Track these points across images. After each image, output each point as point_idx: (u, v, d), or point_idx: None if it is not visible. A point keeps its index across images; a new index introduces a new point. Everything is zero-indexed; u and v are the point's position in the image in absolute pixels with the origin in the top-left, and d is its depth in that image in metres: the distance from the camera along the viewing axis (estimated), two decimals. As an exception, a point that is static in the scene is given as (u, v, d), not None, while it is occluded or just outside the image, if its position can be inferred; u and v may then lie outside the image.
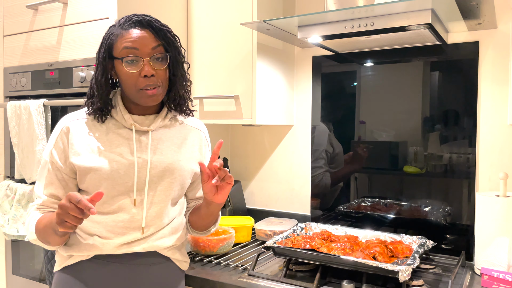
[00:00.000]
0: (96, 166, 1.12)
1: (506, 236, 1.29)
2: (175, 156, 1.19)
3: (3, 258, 1.92)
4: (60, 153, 1.15)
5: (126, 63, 1.10)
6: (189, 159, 1.23)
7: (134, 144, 1.15)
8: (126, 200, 1.14)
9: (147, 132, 1.18)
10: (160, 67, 1.13)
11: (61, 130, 1.16)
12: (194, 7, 1.77)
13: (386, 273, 1.18)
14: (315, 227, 1.63)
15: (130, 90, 1.13)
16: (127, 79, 1.12)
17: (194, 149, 1.25)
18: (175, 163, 1.18)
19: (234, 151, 2.09)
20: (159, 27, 1.13)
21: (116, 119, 1.18)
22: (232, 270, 1.39)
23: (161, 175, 1.16)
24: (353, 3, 1.38)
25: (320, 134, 1.82)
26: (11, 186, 1.76)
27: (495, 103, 1.51)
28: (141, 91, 1.12)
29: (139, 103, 1.15)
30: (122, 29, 1.12)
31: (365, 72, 1.72)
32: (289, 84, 1.86)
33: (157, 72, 1.12)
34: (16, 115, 1.71)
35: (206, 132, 1.32)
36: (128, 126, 1.17)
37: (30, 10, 1.74)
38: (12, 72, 1.82)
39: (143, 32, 1.11)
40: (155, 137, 1.19)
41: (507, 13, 1.48)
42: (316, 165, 1.84)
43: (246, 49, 1.65)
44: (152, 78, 1.11)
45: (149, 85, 1.11)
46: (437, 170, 1.59)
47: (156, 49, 1.12)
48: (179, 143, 1.22)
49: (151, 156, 1.16)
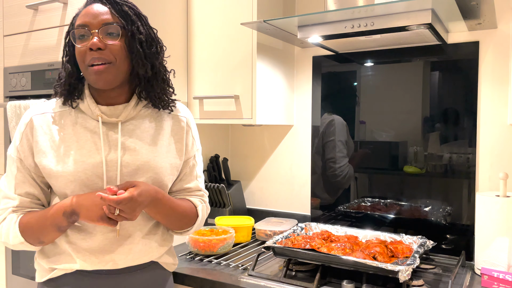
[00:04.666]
0: (60, 168, 1.03)
1: (506, 236, 1.29)
2: (149, 152, 1.08)
3: (3, 258, 1.91)
4: (27, 150, 1.06)
5: (78, 39, 1.03)
6: (167, 153, 1.12)
7: (102, 139, 1.04)
8: None
9: (116, 124, 1.08)
10: (111, 41, 1.01)
11: (26, 125, 1.07)
12: (194, 7, 1.77)
13: (386, 273, 1.18)
14: (315, 227, 1.63)
15: (82, 68, 1.04)
16: (77, 56, 1.03)
17: (171, 140, 1.14)
18: (150, 160, 1.08)
19: (234, 151, 2.09)
20: (115, 1, 1.04)
21: (82, 109, 1.08)
22: (232, 270, 1.39)
23: (134, 173, 1.06)
24: (353, 3, 1.38)
25: (340, 125, 1.77)
26: (11, 186, 1.76)
27: (495, 103, 1.51)
28: (89, 68, 1.01)
29: (90, 83, 1.04)
30: (83, 7, 1.06)
31: (365, 72, 1.72)
32: (289, 84, 1.86)
33: (106, 46, 1.01)
34: (16, 115, 1.71)
35: (189, 116, 1.20)
36: (95, 117, 1.07)
37: (30, 10, 1.74)
38: (12, 72, 1.82)
39: (97, 7, 1.03)
40: (126, 129, 1.08)
41: (507, 13, 1.48)
42: (341, 155, 1.77)
43: (246, 49, 1.65)
44: (100, 52, 1.00)
45: (94, 58, 1.00)
46: (437, 170, 1.59)
47: (108, 23, 1.01)
48: (155, 135, 1.11)
49: (122, 153, 1.05)
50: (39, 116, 1.08)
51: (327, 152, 1.81)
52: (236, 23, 1.66)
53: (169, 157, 1.13)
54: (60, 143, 1.05)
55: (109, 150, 1.05)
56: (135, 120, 1.11)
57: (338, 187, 1.79)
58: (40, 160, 1.05)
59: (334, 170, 1.79)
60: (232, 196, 1.92)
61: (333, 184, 1.80)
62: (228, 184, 1.95)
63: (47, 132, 1.06)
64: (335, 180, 1.79)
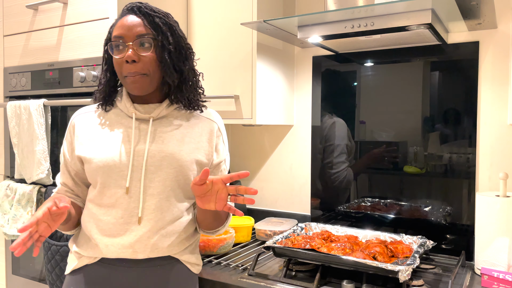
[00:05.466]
0: (93, 155, 1.13)
1: (506, 236, 1.29)
2: (176, 145, 1.15)
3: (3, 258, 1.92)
4: (68, 146, 1.20)
5: (114, 50, 1.12)
6: (193, 150, 1.17)
7: (133, 132, 1.13)
8: (122, 190, 1.11)
9: (148, 120, 1.17)
10: (144, 52, 1.10)
11: (70, 124, 1.21)
12: (194, 7, 1.77)
13: (386, 273, 1.18)
14: (315, 227, 1.63)
15: (119, 77, 1.14)
16: (116, 66, 1.13)
17: (201, 139, 1.20)
18: (175, 153, 1.14)
19: (234, 151, 2.09)
20: (148, 13, 1.11)
21: (120, 108, 1.19)
22: (232, 270, 1.39)
23: (158, 164, 1.12)
24: (353, 3, 1.38)
25: (340, 128, 1.77)
26: (11, 186, 1.76)
27: (495, 103, 1.51)
28: (125, 78, 1.11)
29: (128, 91, 1.15)
30: (119, 17, 1.14)
31: (365, 72, 1.72)
32: (289, 84, 1.86)
33: (140, 58, 1.09)
34: (16, 115, 1.71)
35: (221, 123, 1.27)
36: (129, 114, 1.17)
37: (30, 10, 1.74)
38: (12, 72, 1.82)
39: (132, 19, 1.11)
40: (157, 125, 1.17)
41: (507, 13, 1.48)
42: (339, 160, 1.78)
43: (246, 49, 1.65)
44: (134, 65, 1.09)
45: (130, 72, 1.09)
46: (437, 170, 1.59)
47: (142, 35, 1.09)
48: (184, 132, 1.18)
49: (149, 145, 1.13)
50: (80, 116, 1.21)
51: (325, 156, 1.82)
52: (236, 23, 1.66)
53: (196, 154, 1.18)
54: (97, 136, 1.16)
55: (138, 141, 1.14)
56: (166, 118, 1.19)
57: (335, 191, 1.80)
58: (79, 150, 1.16)
59: (331, 175, 1.80)
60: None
61: (330, 188, 1.81)
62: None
63: (87, 128, 1.18)
64: (332, 184, 1.80)
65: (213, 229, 1.22)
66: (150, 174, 1.12)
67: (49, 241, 1.55)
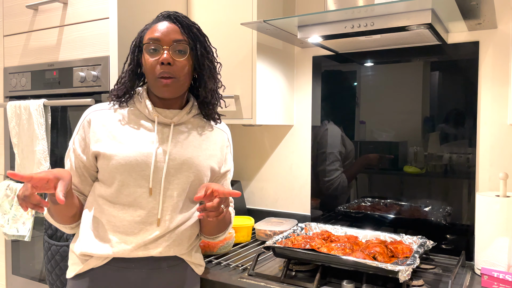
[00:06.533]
0: (115, 152, 1.13)
1: (506, 236, 1.29)
2: (195, 151, 1.20)
3: (3, 258, 1.92)
4: (81, 141, 1.19)
5: (149, 52, 1.15)
6: (209, 156, 1.23)
7: (155, 134, 1.16)
8: (142, 190, 1.13)
9: (169, 125, 1.20)
10: (179, 58, 1.14)
11: (83, 120, 1.20)
12: (194, 7, 1.77)
13: (386, 273, 1.18)
14: (315, 227, 1.63)
15: (150, 78, 1.16)
16: (148, 67, 1.15)
17: (215, 147, 1.26)
18: (194, 158, 1.18)
19: (234, 151, 2.09)
20: (185, 22, 1.17)
21: (140, 110, 1.20)
22: (232, 270, 1.39)
23: (178, 167, 1.16)
24: (353, 3, 1.38)
25: (333, 136, 1.79)
26: (11, 186, 1.77)
27: (495, 103, 1.51)
28: (158, 79, 1.14)
29: (156, 93, 1.17)
30: (153, 23, 1.18)
31: (365, 72, 1.72)
32: (289, 84, 1.86)
33: (175, 62, 1.14)
34: (16, 115, 1.71)
35: (229, 134, 1.34)
36: (151, 117, 1.19)
37: (30, 10, 1.74)
38: (12, 72, 1.82)
39: (168, 24, 1.15)
40: (177, 130, 1.20)
41: (507, 13, 1.48)
42: (332, 168, 1.80)
43: (246, 49, 1.65)
44: (169, 67, 1.13)
45: (165, 72, 1.13)
46: (437, 170, 1.59)
47: (178, 40, 1.14)
48: (201, 139, 1.23)
49: (171, 148, 1.16)
50: (97, 112, 1.20)
51: (319, 164, 1.84)
52: (236, 23, 1.66)
53: (210, 161, 1.23)
54: (116, 133, 1.16)
55: (161, 144, 1.17)
56: (186, 125, 1.23)
57: (329, 196, 1.82)
58: (96, 146, 1.15)
59: (324, 183, 1.82)
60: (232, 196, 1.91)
61: (324, 194, 1.83)
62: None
63: (105, 125, 1.17)
64: (326, 192, 1.82)
65: (214, 235, 1.26)
66: (169, 177, 1.16)
67: (49, 241, 1.54)
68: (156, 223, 1.13)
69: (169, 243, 1.15)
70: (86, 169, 1.19)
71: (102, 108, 1.22)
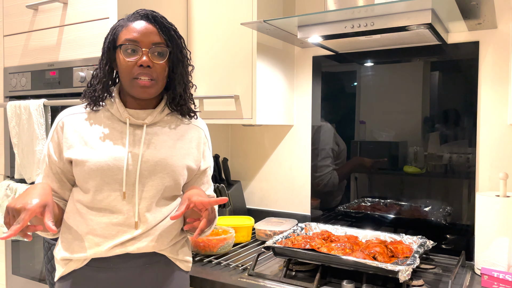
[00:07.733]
0: (86, 157, 1.11)
1: (506, 236, 1.29)
2: (168, 151, 1.18)
3: (3, 258, 1.92)
4: (55, 147, 1.17)
5: (126, 53, 1.12)
6: (184, 155, 1.21)
7: (127, 137, 1.14)
8: (116, 194, 1.12)
9: (141, 126, 1.18)
10: (158, 60, 1.13)
11: (57, 125, 1.19)
12: (194, 7, 1.77)
13: (386, 273, 1.18)
14: (315, 227, 1.63)
15: (125, 79, 1.14)
16: (124, 68, 1.13)
17: (191, 145, 1.23)
18: (168, 158, 1.17)
19: (234, 151, 2.09)
20: (163, 24, 1.15)
21: (111, 112, 1.18)
22: (232, 270, 1.39)
23: (152, 169, 1.15)
24: (353, 3, 1.38)
25: (326, 133, 1.81)
26: (11, 186, 1.76)
27: (495, 103, 1.51)
28: (134, 80, 1.12)
29: (132, 93, 1.15)
30: (129, 21, 1.15)
31: (365, 72, 1.72)
32: (289, 84, 1.86)
33: (154, 65, 1.12)
34: (16, 115, 1.71)
35: (206, 130, 1.32)
36: (123, 119, 1.17)
37: (30, 10, 1.74)
38: (12, 72, 1.82)
39: (147, 25, 1.13)
40: (150, 131, 1.18)
41: (507, 13, 1.48)
42: (323, 164, 1.82)
43: (246, 49, 1.65)
44: (147, 69, 1.12)
45: (143, 73, 1.11)
46: (437, 170, 1.59)
47: (157, 43, 1.13)
48: (175, 139, 1.21)
49: (143, 150, 1.15)
50: (69, 117, 1.19)
51: (312, 159, 1.86)
52: (236, 23, 1.66)
53: (186, 160, 1.21)
54: (88, 138, 1.15)
55: (133, 147, 1.15)
56: (159, 124, 1.21)
57: (322, 192, 1.83)
58: (69, 153, 1.14)
59: (315, 178, 1.84)
60: (232, 196, 1.92)
61: (315, 189, 1.85)
62: (228, 184, 1.95)
63: (77, 130, 1.16)
64: (317, 187, 1.84)
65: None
66: (143, 179, 1.14)
67: (49, 241, 1.54)
68: (134, 226, 1.13)
69: (147, 239, 1.14)
70: (64, 174, 1.18)
71: (75, 112, 1.20)
